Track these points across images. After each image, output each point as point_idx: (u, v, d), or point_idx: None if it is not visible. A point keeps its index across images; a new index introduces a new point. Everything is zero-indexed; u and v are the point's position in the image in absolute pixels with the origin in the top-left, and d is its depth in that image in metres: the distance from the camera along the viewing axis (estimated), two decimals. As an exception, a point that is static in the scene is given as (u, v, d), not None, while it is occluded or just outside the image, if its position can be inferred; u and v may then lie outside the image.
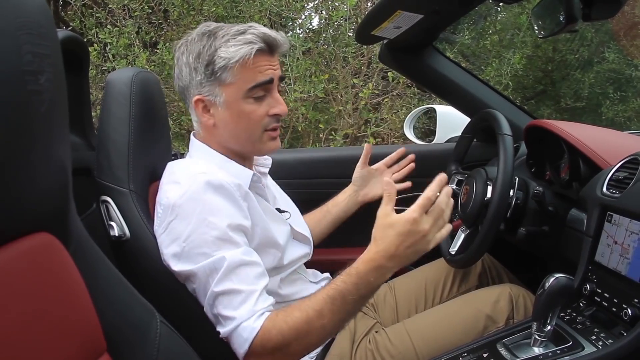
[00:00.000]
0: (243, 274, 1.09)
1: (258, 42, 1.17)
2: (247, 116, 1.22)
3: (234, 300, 1.07)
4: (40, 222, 0.62)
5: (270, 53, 1.21)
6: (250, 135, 1.24)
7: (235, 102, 1.21)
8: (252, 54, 1.16)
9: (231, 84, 1.19)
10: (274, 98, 1.23)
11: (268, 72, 1.20)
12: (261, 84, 1.20)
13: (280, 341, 1.04)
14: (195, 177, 1.14)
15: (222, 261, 1.08)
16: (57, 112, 0.62)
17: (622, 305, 1.04)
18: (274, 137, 1.28)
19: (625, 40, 5.15)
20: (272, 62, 1.21)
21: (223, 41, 1.18)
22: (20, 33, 0.55)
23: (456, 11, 1.52)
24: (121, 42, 3.88)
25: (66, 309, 0.64)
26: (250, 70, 1.18)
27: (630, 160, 1.20)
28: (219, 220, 1.10)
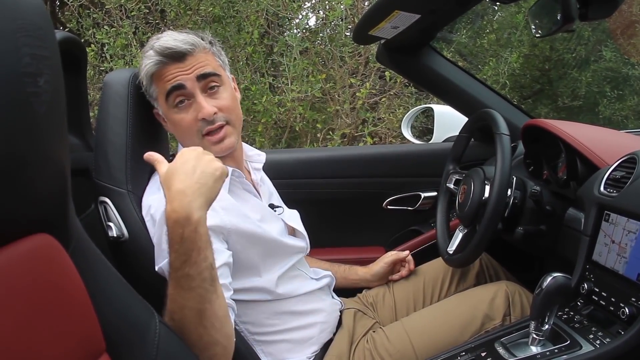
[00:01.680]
0: None
1: (155, 56, 1.20)
2: (179, 125, 1.25)
3: None
4: (39, 223, 0.62)
5: (175, 60, 1.21)
6: (191, 142, 1.24)
7: (167, 112, 1.26)
8: (154, 69, 1.21)
9: (157, 97, 1.25)
10: (197, 102, 1.22)
11: (176, 79, 1.21)
12: (169, 92, 1.21)
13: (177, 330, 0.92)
14: None
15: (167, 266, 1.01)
16: (56, 114, 0.62)
17: (620, 304, 1.05)
18: (216, 141, 1.25)
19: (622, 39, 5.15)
20: (181, 68, 1.21)
21: (142, 58, 1.24)
22: (19, 35, 0.55)
23: (453, 11, 1.52)
24: (118, 43, 3.87)
25: (65, 309, 0.64)
26: (161, 81, 1.22)
27: (627, 160, 1.20)
28: None
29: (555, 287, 1.05)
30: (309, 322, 1.31)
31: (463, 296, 1.44)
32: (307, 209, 1.64)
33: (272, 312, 1.26)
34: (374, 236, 1.67)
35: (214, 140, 1.25)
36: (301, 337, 1.29)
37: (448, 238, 1.58)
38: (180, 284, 0.93)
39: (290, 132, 4.13)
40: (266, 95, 3.68)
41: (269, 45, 4.12)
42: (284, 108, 3.82)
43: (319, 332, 1.32)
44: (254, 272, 1.24)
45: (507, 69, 4.37)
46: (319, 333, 1.32)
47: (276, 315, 1.27)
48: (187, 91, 1.22)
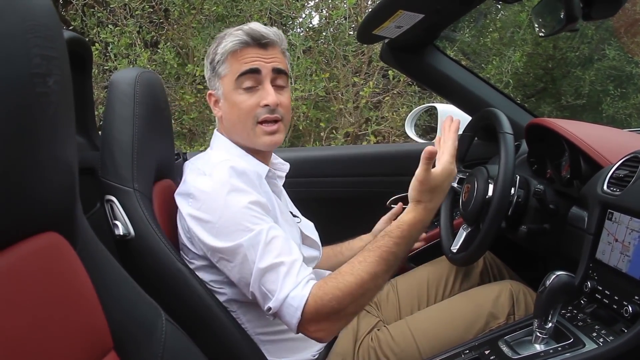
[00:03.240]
0: (280, 246, 1.12)
1: (243, 36, 1.25)
2: (238, 106, 1.27)
3: (278, 273, 1.09)
4: (48, 222, 0.63)
5: (259, 46, 1.27)
6: (244, 126, 1.29)
7: (229, 93, 1.28)
8: (237, 47, 1.25)
9: (225, 76, 1.29)
10: (265, 89, 1.27)
11: (254, 62, 1.26)
12: (245, 72, 1.25)
13: (336, 306, 1.07)
14: (220, 164, 1.19)
15: (258, 236, 1.11)
16: (64, 114, 0.63)
17: (623, 303, 1.05)
18: (268, 132, 1.29)
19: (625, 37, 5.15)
20: (262, 55, 1.27)
21: (221, 39, 1.29)
22: (29, 36, 0.56)
23: (457, 10, 1.53)
24: (122, 42, 3.89)
25: (73, 307, 0.65)
26: (237, 61, 1.27)
27: (630, 158, 1.20)
28: (247, 199, 1.14)
29: (559, 285, 1.05)
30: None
31: (467, 295, 1.45)
32: (311, 208, 1.64)
33: None
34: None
35: (268, 130, 1.28)
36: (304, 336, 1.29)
37: (452, 237, 1.58)
38: (392, 266, 1.12)
39: (293, 131, 4.14)
40: (270, 94, 3.68)
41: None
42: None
43: None
44: None
45: (510, 67, 4.37)
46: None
47: None
48: (261, 77, 1.26)
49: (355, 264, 1.11)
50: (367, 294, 1.10)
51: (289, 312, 1.07)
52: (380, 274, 1.09)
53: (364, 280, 1.08)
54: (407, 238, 1.12)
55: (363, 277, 1.08)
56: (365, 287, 1.08)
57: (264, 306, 1.11)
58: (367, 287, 1.08)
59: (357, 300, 1.08)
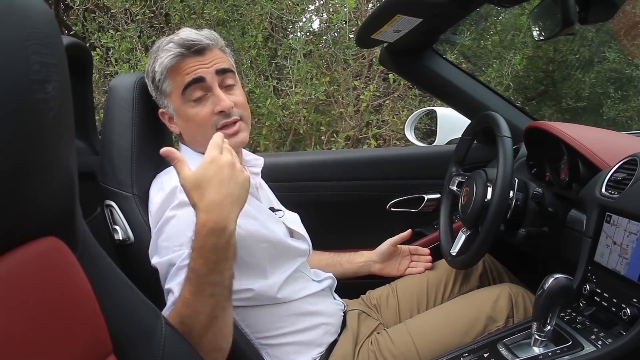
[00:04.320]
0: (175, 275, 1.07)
1: (176, 48, 1.21)
2: (193, 119, 1.25)
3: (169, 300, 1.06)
4: (48, 226, 0.63)
5: (195, 54, 1.23)
6: (204, 136, 1.18)
7: (180, 108, 1.25)
8: (175, 61, 1.21)
9: (171, 93, 1.25)
10: (215, 95, 1.24)
11: (196, 71, 1.22)
12: (188, 84, 1.22)
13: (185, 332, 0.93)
14: (174, 177, 1.10)
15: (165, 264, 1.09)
16: (64, 119, 0.64)
17: (621, 305, 1.05)
18: (231, 134, 1.25)
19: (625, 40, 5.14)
20: (201, 62, 1.23)
21: (156, 55, 1.25)
22: (29, 43, 0.56)
23: (455, 14, 1.53)
24: (123, 47, 3.89)
25: (73, 311, 0.65)
26: (179, 75, 1.23)
27: (628, 161, 1.21)
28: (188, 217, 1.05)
29: (557, 288, 1.06)
30: (312, 324, 1.32)
31: (466, 298, 1.45)
32: (312, 212, 1.65)
33: (276, 315, 1.27)
34: (378, 238, 1.68)
35: (229, 132, 1.25)
36: (305, 339, 1.30)
37: (451, 240, 1.58)
38: (202, 289, 0.93)
39: (294, 135, 4.14)
40: (270, 98, 3.69)
41: (273, 49, 4.13)
42: (288, 111, 3.83)
43: (323, 333, 1.33)
44: (260, 274, 1.25)
45: (510, 70, 4.37)
46: (323, 334, 1.33)
47: (280, 318, 1.28)
48: (206, 84, 1.23)
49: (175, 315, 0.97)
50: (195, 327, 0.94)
51: None
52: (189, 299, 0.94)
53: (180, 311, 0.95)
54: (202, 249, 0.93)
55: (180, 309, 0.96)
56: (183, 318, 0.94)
57: None
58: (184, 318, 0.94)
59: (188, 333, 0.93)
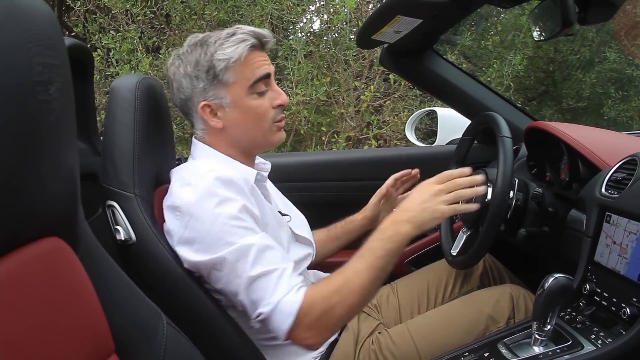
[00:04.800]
0: (271, 256, 1.13)
1: (250, 38, 1.23)
2: (255, 111, 1.27)
3: (270, 280, 1.11)
4: (50, 227, 0.64)
5: (262, 49, 1.27)
6: (261, 128, 1.30)
7: (242, 100, 1.26)
8: (247, 51, 1.23)
9: (234, 83, 1.24)
10: (275, 90, 1.30)
11: (265, 66, 1.26)
12: (261, 78, 1.26)
13: (325, 306, 1.10)
14: (205, 175, 1.17)
15: (249, 247, 1.12)
16: (66, 120, 0.64)
17: (621, 305, 1.06)
18: (281, 128, 1.34)
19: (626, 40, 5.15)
20: (265, 57, 1.28)
21: (217, 45, 1.23)
22: (31, 45, 0.57)
23: (455, 15, 1.54)
24: (124, 47, 3.91)
25: (76, 311, 0.66)
26: (248, 67, 1.25)
27: (628, 161, 1.21)
28: (235, 210, 1.14)
29: (557, 287, 1.06)
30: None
31: (467, 299, 1.45)
32: (312, 212, 1.65)
33: None
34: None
35: (282, 126, 1.34)
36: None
37: (452, 240, 1.58)
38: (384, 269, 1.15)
39: (295, 135, 4.15)
40: (271, 98, 3.69)
41: (274, 49, 4.14)
42: (288, 111, 3.84)
43: None
44: None
45: (511, 71, 4.37)
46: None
47: None
48: (270, 80, 1.29)
49: (346, 270, 1.14)
50: (354, 291, 1.12)
51: (280, 318, 1.09)
52: (360, 270, 1.13)
53: (347, 277, 1.13)
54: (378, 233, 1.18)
55: (346, 275, 1.13)
56: (350, 283, 1.12)
57: (254, 313, 1.12)
58: (351, 283, 1.12)
59: (344, 298, 1.11)
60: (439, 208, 1.19)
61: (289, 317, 1.08)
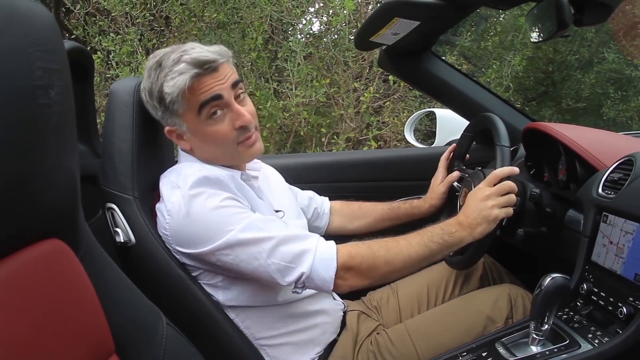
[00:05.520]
0: (277, 225, 1.18)
1: (190, 69, 1.17)
2: (213, 137, 1.24)
3: (292, 239, 1.15)
4: (51, 228, 0.64)
5: (212, 72, 1.19)
6: (224, 152, 1.26)
7: (197, 128, 1.23)
8: (190, 83, 1.17)
9: (185, 113, 1.21)
10: (234, 111, 1.23)
11: (213, 89, 1.19)
12: (206, 103, 1.19)
13: (370, 255, 1.16)
14: (192, 175, 1.18)
15: (254, 221, 1.15)
16: (66, 123, 0.65)
17: (618, 304, 1.06)
18: (250, 145, 1.28)
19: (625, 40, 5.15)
20: (216, 79, 1.20)
21: (163, 75, 1.19)
22: (32, 50, 0.58)
23: (452, 17, 1.54)
24: (124, 50, 3.91)
25: (76, 312, 0.67)
26: (194, 96, 1.19)
27: (624, 162, 1.22)
28: (224, 200, 1.16)
29: (554, 287, 1.06)
30: (311, 324, 1.33)
31: (466, 299, 1.46)
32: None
33: (275, 316, 1.28)
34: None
35: (249, 144, 1.27)
36: (304, 339, 1.31)
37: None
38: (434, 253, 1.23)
39: (295, 137, 4.15)
40: (271, 100, 3.70)
41: (273, 51, 4.15)
42: (288, 113, 3.85)
43: (321, 333, 1.34)
44: None
45: (510, 71, 4.38)
46: (322, 334, 1.34)
47: (279, 319, 1.29)
48: (224, 101, 1.21)
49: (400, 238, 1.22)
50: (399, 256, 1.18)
51: (323, 265, 1.13)
52: (413, 242, 1.20)
53: (399, 242, 1.20)
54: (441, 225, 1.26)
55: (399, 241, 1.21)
56: (399, 247, 1.19)
57: (291, 278, 1.14)
58: (401, 248, 1.19)
59: (389, 258, 1.18)
60: (492, 213, 1.24)
61: (331, 262, 1.12)
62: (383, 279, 1.24)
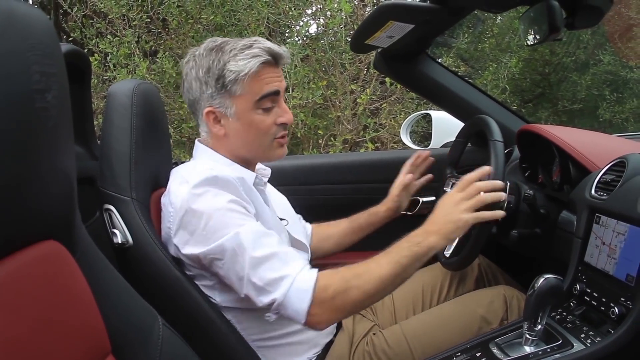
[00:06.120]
0: (271, 241, 1.14)
1: (264, 55, 1.22)
2: (257, 126, 1.27)
3: (276, 262, 1.11)
4: (47, 230, 0.65)
5: (275, 65, 1.26)
6: (261, 143, 1.30)
7: (246, 113, 1.26)
8: (258, 67, 1.22)
9: (241, 96, 1.24)
10: (281, 108, 1.29)
11: (275, 83, 1.26)
12: (269, 94, 1.25)
13: (343, 285, 1.10)
14: (201, 172, 1.18)
15: (247, 232, 1.12)
16: (63, 127, 0.66)
17: (610, 304, 1.07)
18: (282, 144, 1.34)
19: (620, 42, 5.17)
20: (277, 74, 1.27)
21: (231, 55, 1.23)
22: (30, 54, 0.59)
23: (446, 20, 1.55)
24: (121, 52, 3.92)
25: (73, 313, 0.67)
26: (258, 82, 1.24)
27: (617, 163, 1.23)
28: (228, 202, 1.16)
29: (547, 288, 1.07)
30: (307, 326, 1.33)
31: (461, 300, 1.46)
32: (309, 215, 1.67)
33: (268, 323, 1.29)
34: (374, 241, 1.68)
35: (283, 142, 1.34)
36: (300, 340, 1.31)
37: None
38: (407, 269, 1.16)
39: (292, 139, 4.16)
40: (268, 102, 3.70)
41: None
42: (285, 114, 3.85)
43: (317, 334, 1.34)
44: None
45: (507, 73, 4.39)
46: (318, 335, 1.34)
47: (276, 321, 1.29)
48: (278, 97, 1.28)
49: (369, 261, 1.15)
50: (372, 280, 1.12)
51: (299, 296, 1.08)
52: (383, 262, 1.14)
53: (368, 265, 1.14)
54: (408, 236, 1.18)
55: (368, 263, 1.14)
56: (369, 271, 1.12)
57: (264, 301, 1.11)
58: (371, 271, 1.12)
59: (361, 283, 1.11)
60: (461, 217, 1.18)
61: (307, 294, 1.08)
62: (359, 308, 1.21)
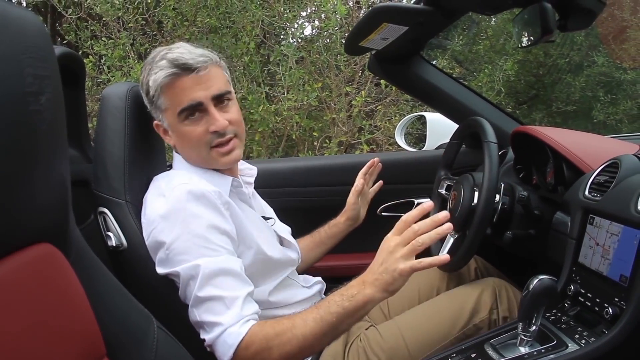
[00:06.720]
0: (223, 281, 1.12)
1: (168, 67, 1.19)
2: (188, 136, 1.25)
3: (217, 306, 1.10)
4: (41, 233, 0.65)
5: (192, 73, 1.20)
6: (198, 153, 1.27)
7: (175, 126, 1.25)
8: (170, 79, 1.19)
9: (166, 110, 1.24)
10: (211, 115, 1.23)
11: (194, 94, 1.20)
12: (186, 108, 1.21)
13: (264, 345, 1.07)
14: (178, 188, 1.18)
15: (202, 267, 1.11)
16: (57, 130, 0.65)
17: (604, 305, 1.08)
18: (224, 153, 1.27)
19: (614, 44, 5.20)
20: (198, 83, 1.21)
21: (148, 69, 1.22)
22: (23, 57, 0.59)
23: (440, 22, 1.56)
24: (116, 54, 3.91)
25: (67, 316, 0.67)
26: (174, 95, 1.21)
27: (610, 164, 1.24)
28: (200, 228, 1.14)
29: (542, 289, 1.08)
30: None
31: (452, 293, 1.47)
32: (304, 217, 1.67)
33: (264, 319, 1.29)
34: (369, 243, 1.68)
35: (223, 151, 1.26)
36: None
37: (440, 243, 1.60)
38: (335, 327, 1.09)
39: (287, 141, 4.16)
40: (263, 104, 3.71)
41: (265, 55, 4.16)
42: (280, 117, 3.86)
43: None
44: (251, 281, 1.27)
45: (502, 75, 4.41)
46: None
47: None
48: (203, 107, 1.22)
49: (297, 316, 1.12)
50: (294, 340, 1.08)
51: (222, 348, 1.08)
52: (309, 320, 1.09)
53: (294, 323, 1.09)
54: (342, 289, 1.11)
55: (295, 320, 1.10)
56: (294, 330, 1.08)
57: (200, 333, 1.13)
58: (295, 331, 1.08)
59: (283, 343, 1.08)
60: (397, 267, 1.04)
61: (229, 349, 1.07)
62: None
